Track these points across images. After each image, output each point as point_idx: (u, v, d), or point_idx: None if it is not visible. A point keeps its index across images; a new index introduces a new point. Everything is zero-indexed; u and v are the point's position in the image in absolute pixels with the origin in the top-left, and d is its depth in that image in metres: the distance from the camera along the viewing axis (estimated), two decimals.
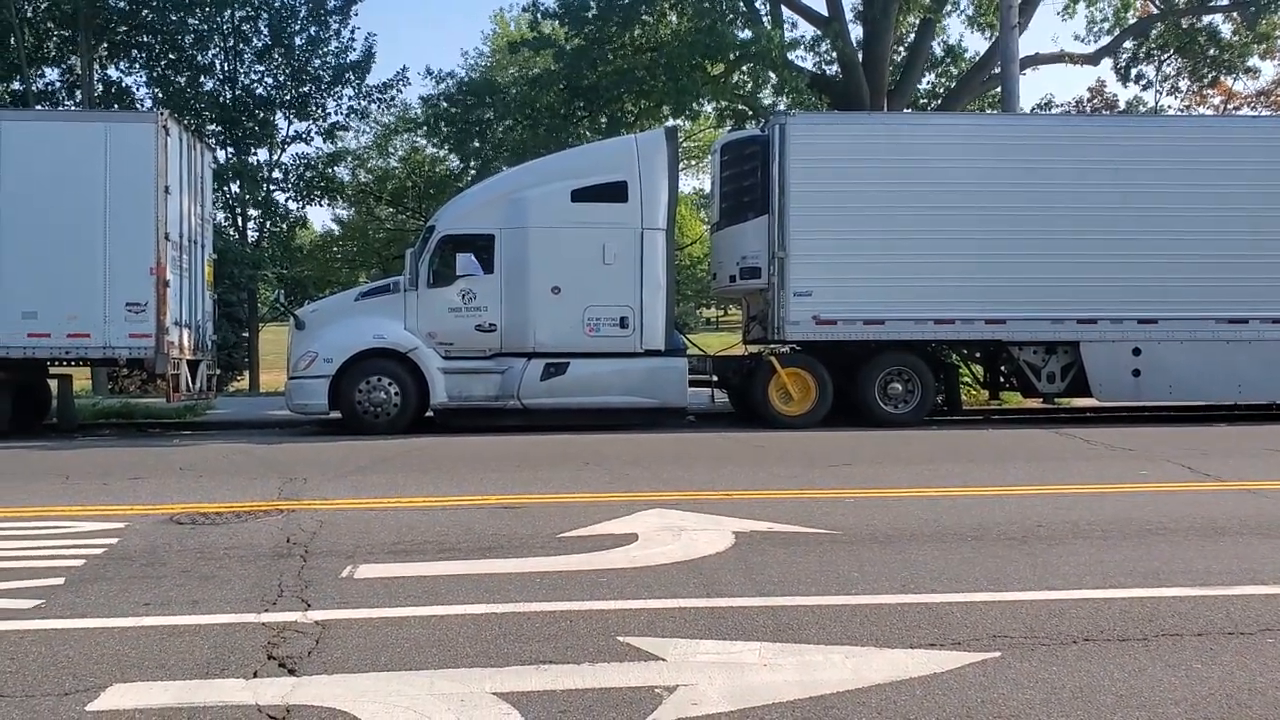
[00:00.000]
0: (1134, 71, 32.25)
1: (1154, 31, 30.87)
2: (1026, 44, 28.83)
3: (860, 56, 28.03)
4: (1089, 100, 38.03)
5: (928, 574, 6.06)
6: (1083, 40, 32.07)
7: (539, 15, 29.52)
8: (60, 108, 30.51)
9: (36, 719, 3.89)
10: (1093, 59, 31.29)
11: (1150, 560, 6.41)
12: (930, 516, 7.86)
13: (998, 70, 25.21)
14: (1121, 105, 35.75)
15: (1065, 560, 6.41)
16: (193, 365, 16.64)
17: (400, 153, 42.87)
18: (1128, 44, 31.42)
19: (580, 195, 15.68)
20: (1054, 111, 32.99)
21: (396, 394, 15.33)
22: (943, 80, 32.70)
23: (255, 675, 4.35)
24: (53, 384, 17.11)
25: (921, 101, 31.98)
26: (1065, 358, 16.44)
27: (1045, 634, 4.89)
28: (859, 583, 5.87)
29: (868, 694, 4.12)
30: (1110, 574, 6.06)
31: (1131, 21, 30.70)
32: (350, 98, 33.50)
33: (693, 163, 43.33)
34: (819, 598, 5.55)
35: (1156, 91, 34.02)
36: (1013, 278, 16.01)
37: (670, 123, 26.29)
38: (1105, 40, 31.19)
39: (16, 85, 30.31)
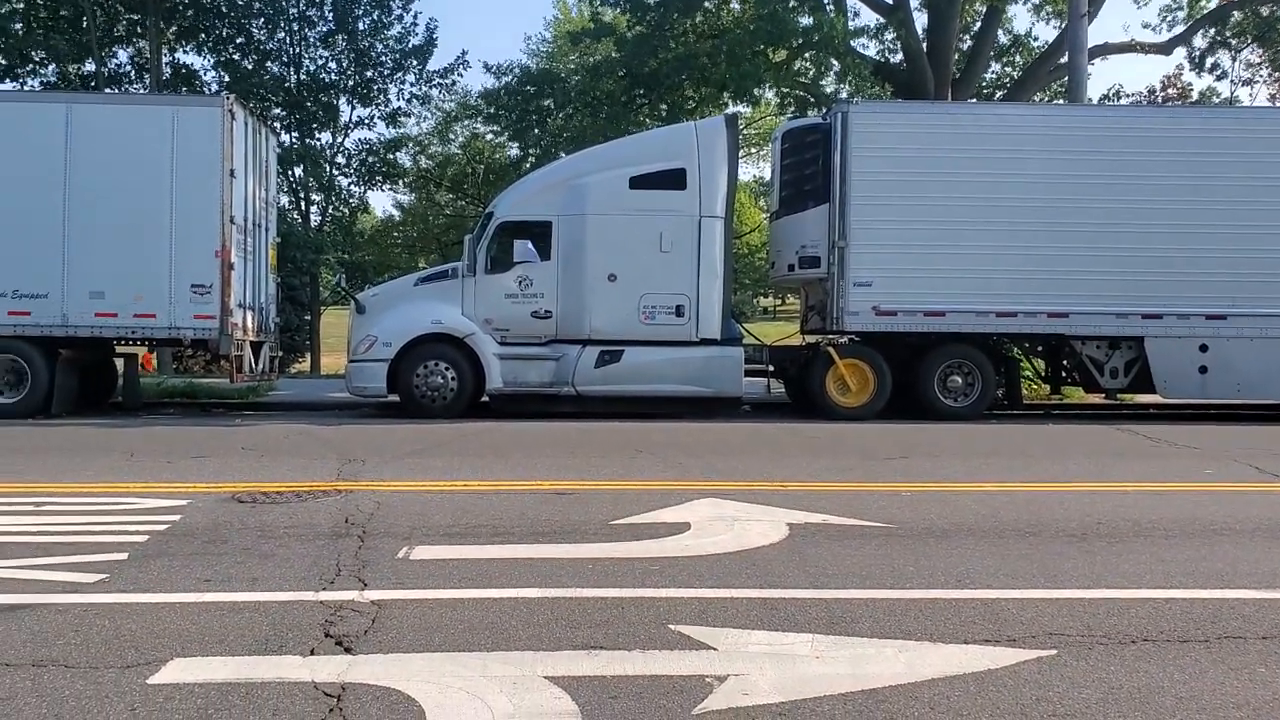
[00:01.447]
0: (1209, 61, 31.50)
1: (1232, 19, 30.09)
2: (1095, 33, 28.12)
3: (925, 45, 27.67)
4: (1162, 89, 37.16)
5: (984, 569, 6.00)
6: (1154, 29, 31.28)
7: (600, 3, 29.50)
8: (129, 90, 31.08)
9: (100, 690, 3.97)
10: (1165, 48, 30.57)
11: (1214, 561, 6.28)
12: (988, 512, 7.77)
13: (1065, 60, 24.74)
14: (1195, 96, 34.86)
15: (1125, 559, 6.31)
16: (255, 347, 16.88)
17: (460, 139, 43.12)
18: (1203, 32, 30.66)
19: (638, 182, 15.66)
20: (1123, 102, 32.32)
21: (453, 378, 15.46)
22: (1008, 70, 32.22)
23: (312, 653, 4.41)
24: (118, 363, 17.47)
25: (986, 91, 31.51)
26: (1129, 353, 16.15)
27: (1103, 633, 4.82)
28: (914, 577, 5.81)
29: (920, 689, 4.09)
30: (1172, 574, 5.95)
31: (1208, 9, 29.92)
32: (412, 83, 33.81)
33: (753, 150, 43.17)
34: (873, 591, 5.51)
35: (1232, 82, 33.23)
36: (1077, 271, 15.72)
37: (731, 110, 26.17)
38: (1179, 29, 30.49)
39: (88, 68, 30.92)
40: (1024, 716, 3.84)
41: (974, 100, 28.45)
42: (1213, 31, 30.61)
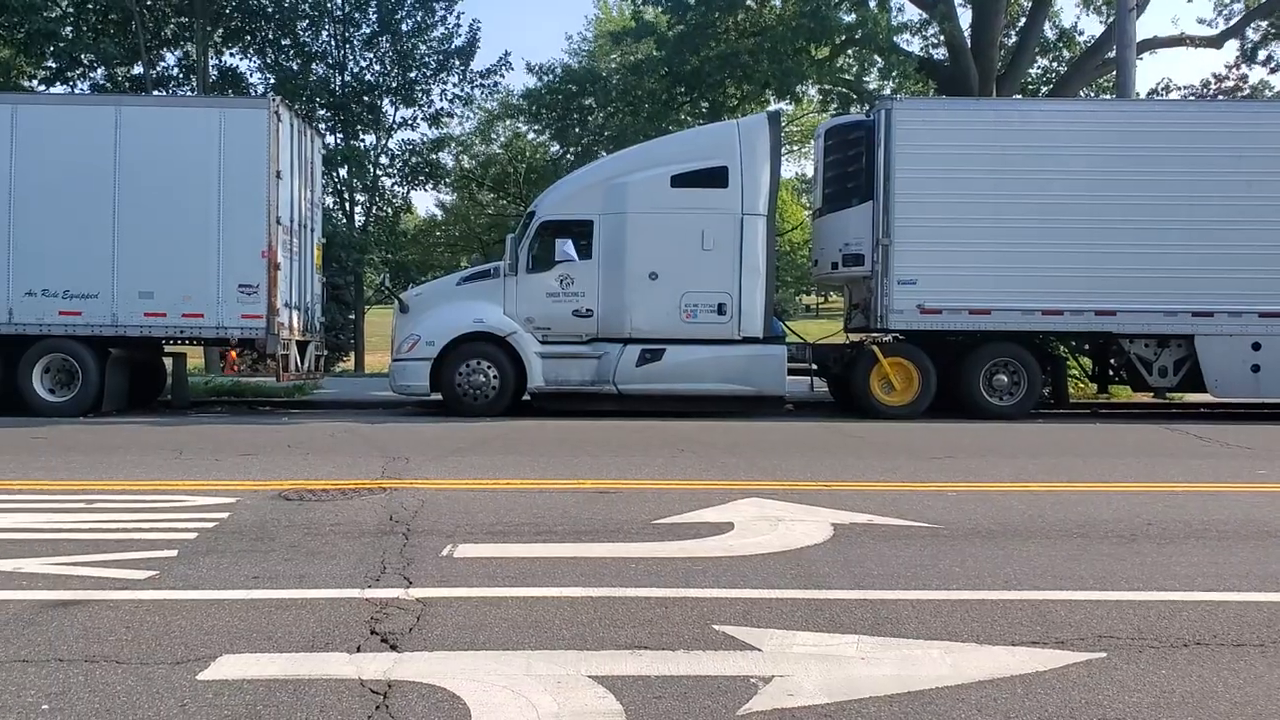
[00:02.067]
0: (1262, 54, 30.90)
1: None
2: (1144, 26, 27.87)
3: (969, 41, 27.42)
4: (1216, 83, 36.46)
5: (1031, 571, 5.92)
6: (1208, 23, 30.74)
7: (641, 2, 29.48)
8: (177, 93, 31.49)
9: (151, 686, 4.02)
10: (1215, 42, 30.06)
11: (1269, 563, 6.16)
12: (1034, 512, 7.68)
13: (1112, 54, 24.43)
14: (1247, 90, 34.19)
15: (1176, 560, 6.21)
16: (301, 346, 17.05)
17: (503, 138, 43.29)
18: (1254, 25, 30.08)
19: (680, 181, 15.65)
20: (1172, 96, 31.82)
21: (495, 377, 15.53)
22: (1054, 65, 31.83)
23: (359, 650, 4.44)
24: (167, 362, 17.71)
25: (1031, 87, 31.16)
26: (1179, 351, 15.93)
27: (1154, 636, 4.74)
28: (960, 578, 5.76)
29: (967, 691, 4.05)
30: (1225, 576, 5.84)
31: (1261, 1, 29.33)
32: (454, 84, 33.96)
33: (795, 147, 42.99)
34: (918, 592, 5.46)
35: None
36: (1125, 268, 15.53)
37: (773, 107, 26.07)
38: (1234, 21, 29.95)
39: (136, 70, 31.35)
40: (1072, 719, 3.79)
41: (1019, 96, 28.13)
42: (1265, 24, 30.06)
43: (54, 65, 31.14)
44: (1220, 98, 30.95)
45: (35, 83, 31.40)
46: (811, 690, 4.02)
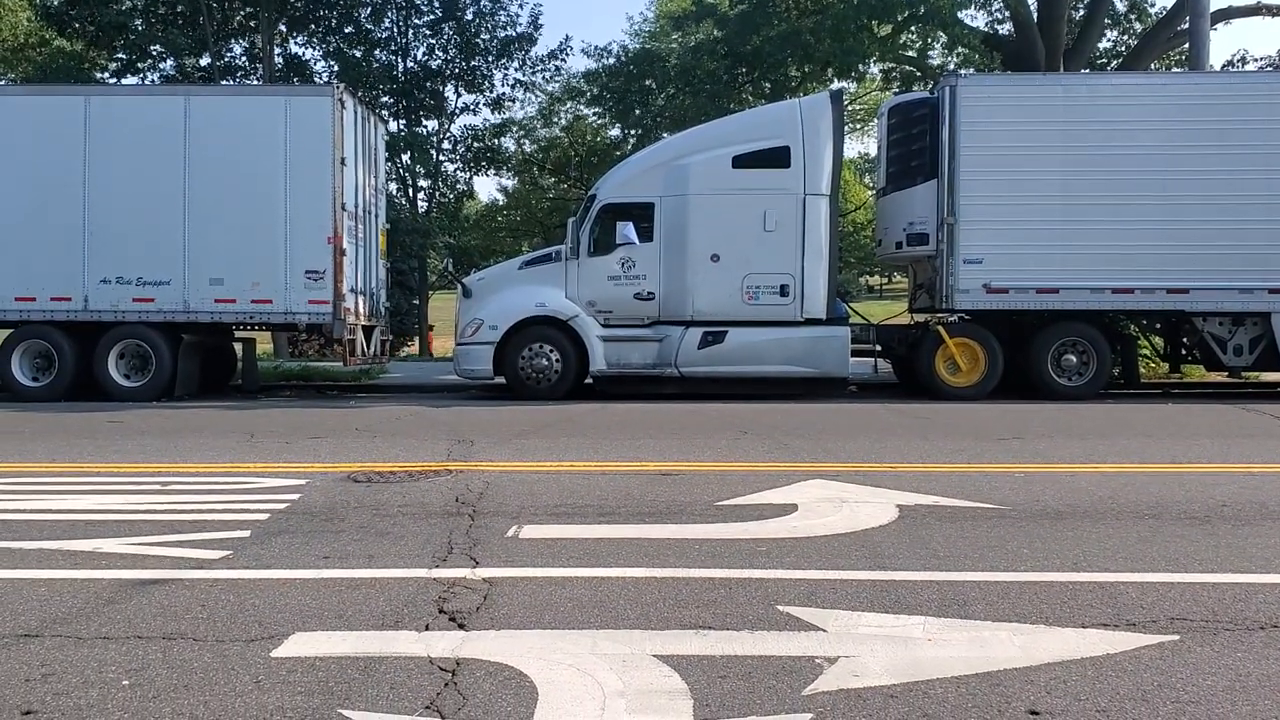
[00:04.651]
0: None
1: None
2: None
3: (1035, 14, 26.89)
4: None
5: (1101, 552, 5.83)
6: None
7: None
8: (243, 82, 31.96)
9: (226, 663, 4.11)
10: None
11: None
12: (1104, 493, 7.56)
13: (1185, 26, 23.82)
14: None
15: (1252, 542, 6.07)
16: (367, 331, 17.27)
17: (564, 121, 43.36)
18: None
19: (741, 161, 15.57)
20: (1249, 68, 30.94)
21: (557, 360, 15.60)
22: (1124, 38, 31.09)
23: (427, 629, 4.50)
24: (237, 347, 18.04)
25: (1101, 61, 30.48)
26: (1254, 329, 15.55)
27: (1229, 618, 4.65)
28: (1028, 559, 5.69)
29: (1037, 672, 4.00)
30: None
31: None
32: (516, 69, 34.08)
33: (858, 126, 42.54)
34: (986, 573, 5.41)
35: None
36: (1198, 245, 15.18)
37: (835, 86, 25.81)
38: None
39: (204, 61, 31.89)
40: (1145, 702, 3.73)
41: (1087, 70, 27.57)
42: None
43: (124, 57, 31.80)
44: None
45: (106, 75, 32.04)
46: (878, 671, 4.00)
